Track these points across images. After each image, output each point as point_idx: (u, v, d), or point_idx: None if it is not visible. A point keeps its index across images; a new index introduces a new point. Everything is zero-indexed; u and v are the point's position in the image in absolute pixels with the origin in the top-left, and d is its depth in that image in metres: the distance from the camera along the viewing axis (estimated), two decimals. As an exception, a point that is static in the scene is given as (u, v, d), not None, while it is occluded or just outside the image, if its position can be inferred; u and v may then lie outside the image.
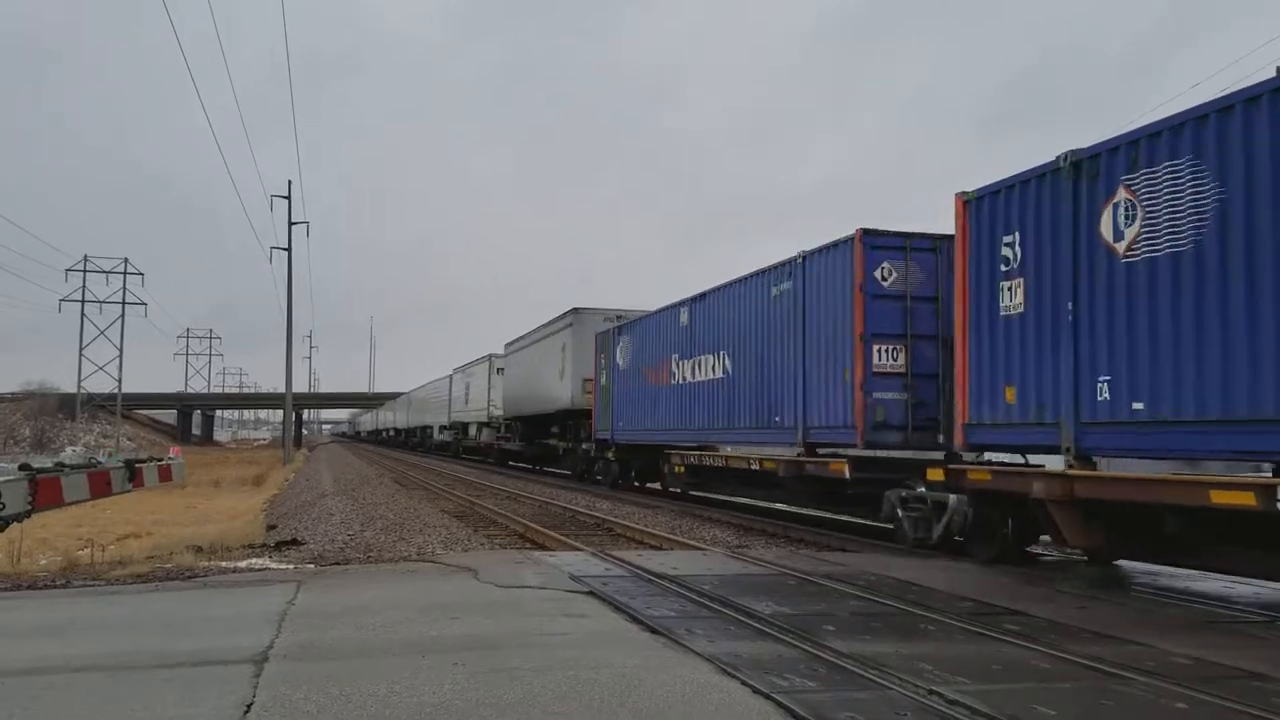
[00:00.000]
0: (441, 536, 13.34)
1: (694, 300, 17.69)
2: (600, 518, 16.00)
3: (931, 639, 6.29)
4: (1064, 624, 6.74)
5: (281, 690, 4.80)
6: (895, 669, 5.29)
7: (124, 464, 11.07)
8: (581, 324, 25.94)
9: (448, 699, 4.68)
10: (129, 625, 6.71)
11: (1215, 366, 7.56)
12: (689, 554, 10.96)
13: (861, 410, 11.97)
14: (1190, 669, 5.46)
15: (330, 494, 23.20)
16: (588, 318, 25.81)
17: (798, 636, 6.16)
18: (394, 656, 5.56)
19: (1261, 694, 4.92)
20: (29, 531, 16.60)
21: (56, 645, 5.94)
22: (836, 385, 12.58)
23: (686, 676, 5.14)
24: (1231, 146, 7.47)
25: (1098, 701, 4.77)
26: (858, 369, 12.03)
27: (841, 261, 12.50)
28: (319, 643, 5.95)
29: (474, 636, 6.14)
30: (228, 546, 12.00)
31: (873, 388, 11.96)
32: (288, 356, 47.66)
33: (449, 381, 50.10)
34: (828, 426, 12.85)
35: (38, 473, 9.72)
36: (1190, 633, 6.61)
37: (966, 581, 8.72)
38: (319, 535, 13.70)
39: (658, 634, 6.25)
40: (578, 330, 25.99)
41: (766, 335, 14.65)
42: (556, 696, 4.73)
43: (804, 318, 13.47)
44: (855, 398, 12.04)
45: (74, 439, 79.31)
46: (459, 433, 48.33)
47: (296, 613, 6.91)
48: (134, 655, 5.65)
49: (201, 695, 4.73)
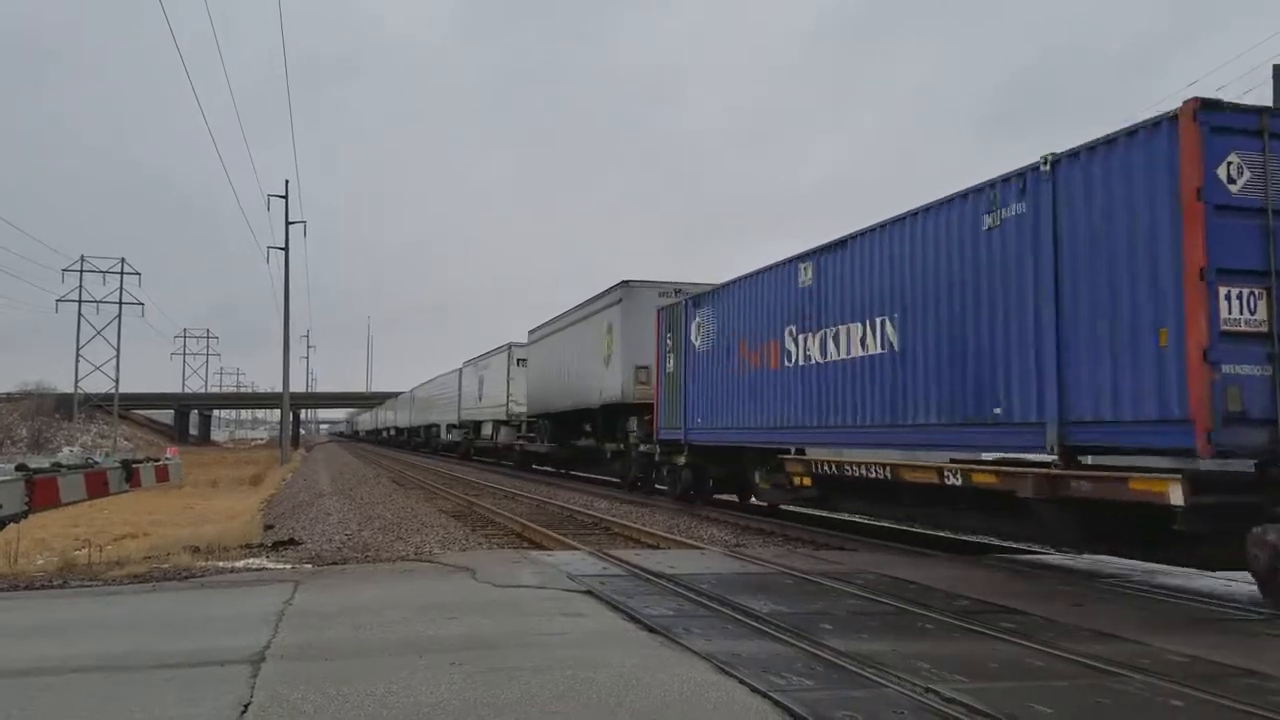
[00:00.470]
0: (439, 536, 13.34)
1: (821, 252, 13.01)
2: (598, 517, 16.01)
3: (929, 637, 6.29)
4: (1060, 622, 6.75)
5: (279, 690, 4.80)
6: (893, 667, 5.30)
7: (121, 464, 11.07)
8: (634, 299, 21.50)
9: (445, 699, 4.68)
10: (127, 625, 6.71)
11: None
12: (687, 553, 10.97)
13: (1206, 393, 7.45)
14: (1186, 667, 5.47)
15: (328, 494, 23.18)
16: (641, 293, 21.50)
17: (795, 635, 6.16)
18: (391, 656, 5.57)
19: (1257, 692, 4.93)
20: (26, 532, 16.58)
21: (54, 646, 5.94)
22: (1138, 354, 8.11)
23: (684, 676, 5.15)
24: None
25: (1094, 699, 4.78)
26: (1194, 326, 7.56)
27: (1148, 157, 8.14)
28: (316, 642, 5.95)
29: (471, 636, 6.14)
30: (225, 546, 11.97)
31: (1222, 356, 7.50)
32: (285, 356, 47.64)
33: (458, 376, 46.21)
34: (1118, 422, 8.28)
35: (35, 473, 9.74)
36: (1186, 631, 6.62)
37: (964, 580, 8.73)
38: (316, 535, 13.69)
39: (655, 633, 6.26)
40: (629, 307, 21.52)
41: (972, 287, 10.07)
42: (554, 696, 4.74)
43: (1056, 254, 8.97)
44: (1192, 372, 7.55)
45: (71, 439, 79.21)
46: (470, 432, 44.25)
47: (294, 613, 6.92)
48: (132, 655, 5.65)
49: (199, 695, 4.73)
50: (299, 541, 12.71)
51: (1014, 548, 11.57)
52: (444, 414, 50.62)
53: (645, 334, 20.29)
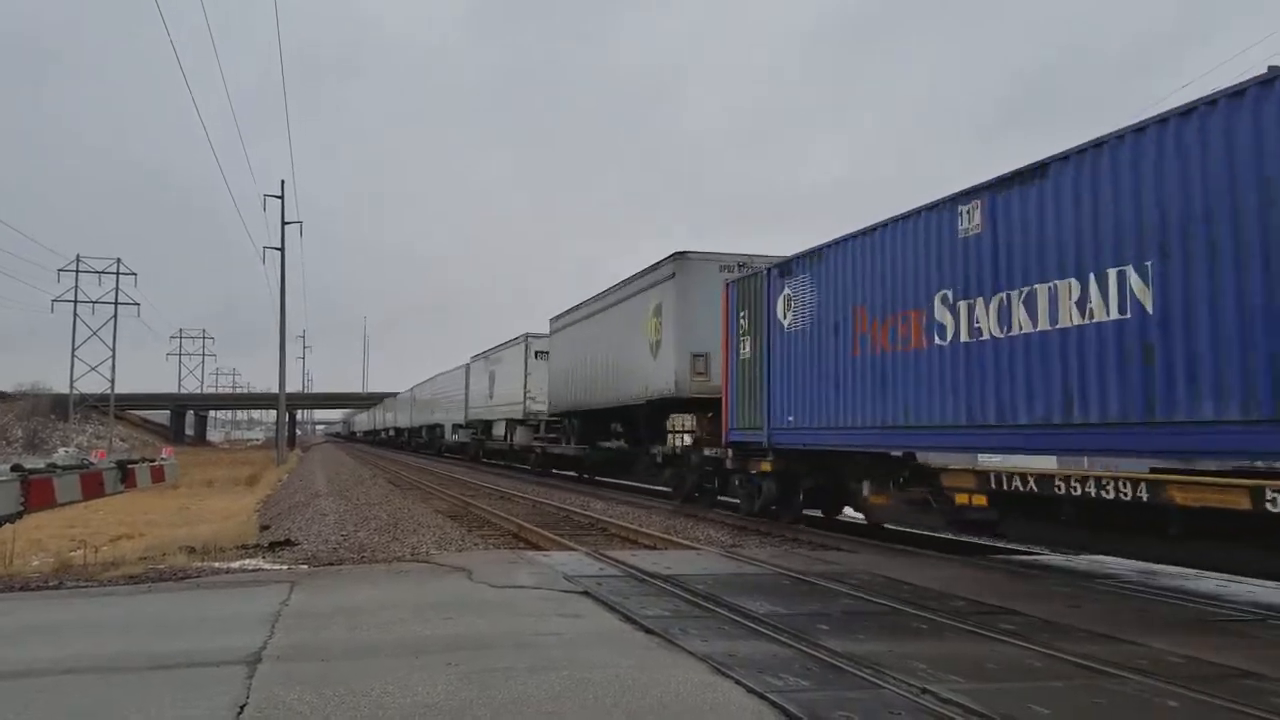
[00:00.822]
0: (435, 537, 13.31)
1: (998, 187, 9.71)
2: (594, 517, 15.98)
3: (925, 638, 6.29)
4: (1057, 623, 6.75)
5: (275, 691, 4.79)
6: (889, 668, 5.30)
7: (116, 465, 11.04)
8: (690, 274, 18.19)
9: (441, 699, 4.67)
10: (122, 627, 6.69)
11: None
12: (683, 553, 10.96)
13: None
14: (1183, 668, 5.47)
15: (324, 494, 23.13)
16: (699, 266, 18.17)
17: (792, 636, 6.16)
18: (387, 657, 5.56)
19: (1255, 693, 4.93)
20: (22, 532, 16.56)
21: (49, 647, 5.92)
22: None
23: (681, 676, 5.14)
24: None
25: (1091, 700, 4.78)
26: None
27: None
28: (312, 643, 5.93)
29: (467, 636, 6.13)
30: (221, 547, 11.95)
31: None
32: (281, 356, 47.54)
33: (465, 372, 43.07)
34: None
35: (30, 474, 9.69)
36: (1183, 631, 6.62)
37: (960, 581, 8.73)
38: (312, 536, 13.66)
39: (652, 634, 6.25)
40: (684, 284, 18.20)
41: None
42: (550, 696, 4.73)
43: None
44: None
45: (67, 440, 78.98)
46: (479, 432, 40.58)
47: (290, 613, 6.90)
48: (127, 657, 5.63)
49: (195, 696, 4.72)
50: (295, 542, 12.68)
51: (1012, 549, 11.55)
52: (449, 413, 47.55)
53: (704, 315, 17.21)
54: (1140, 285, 8.08)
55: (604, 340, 22.81)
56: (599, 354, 23.26)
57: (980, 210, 9.98)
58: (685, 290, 18.14)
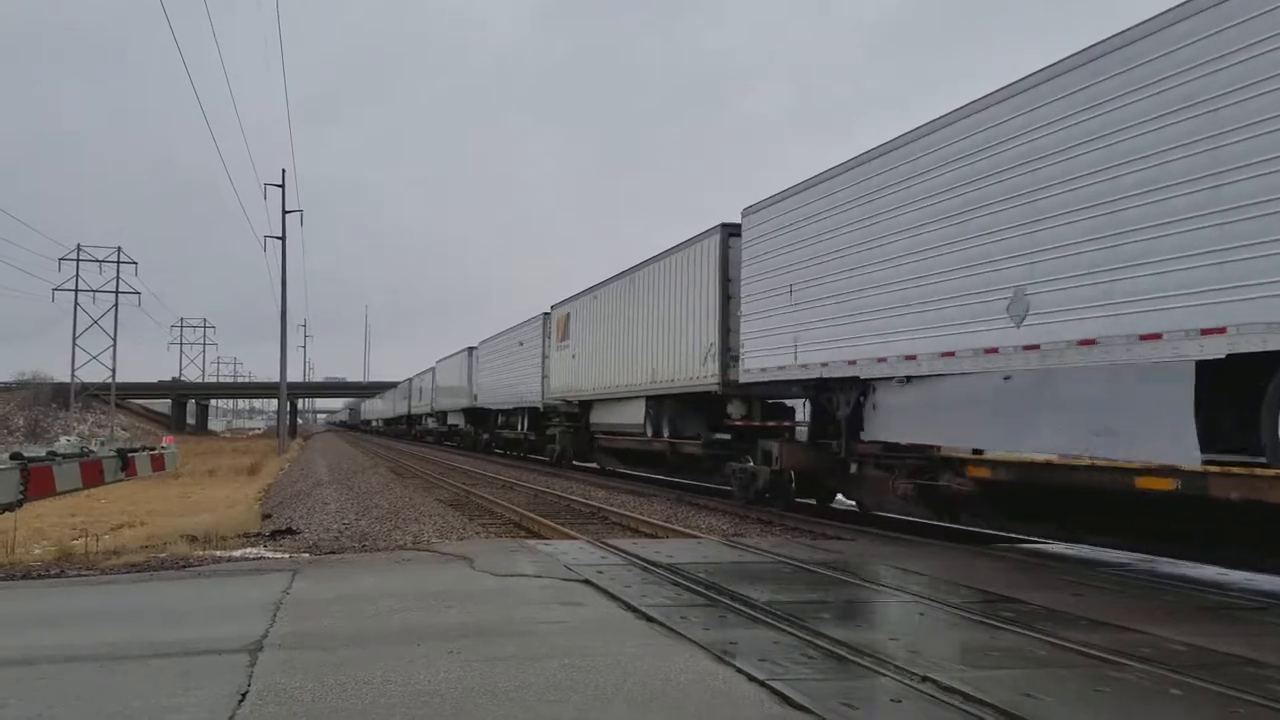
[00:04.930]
0: (437, 525, 13.32)
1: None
2: (596, 506, 16.00)
3: (927, 625, 6.29)
4: (1059, 611, 6.74)
5: (277, 678, 4.79)
6: (890, 655, 5.29)
7: (117, 453, 11.04)
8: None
9: (442, 686, 4.67)
10: (124, 615, 6.69)
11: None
12: (685, 542, 10.96)
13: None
14: (1186, 655, 5.46)
15: (326, 483, 23.16)
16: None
17: (793, 624, 6.15)
18: (389, 644, 5.55)
19: (1257, 680, 4.92)
20: (23, 521, 16.57)
21: (51, 635, 5.93)
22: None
23: (682, 664, 5.14)
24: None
25: (1093, 688, 4.77)
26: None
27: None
28: (314, 631, 5.93)
29: (469, 624, 6.13)
30: (223, 536, 11.95)
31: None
32: (282, 345, 47.52)
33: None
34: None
35: (30, 462, 9.68)
36: (1186, 619, 6.61)
37: (963, 569, 8.72)
38: (314, 524, 13.68)
39: (653, 622, 6.25)
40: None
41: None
42: (551, 684, 4.72)
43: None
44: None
45: (68, 428, 79.07)
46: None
47: (291, 601, 6.90)
48: (129, 645, 5.63)
49: (197, 684, 4.72)
50: (297, 531, 12.70)
51: (1013, 537, 11.57)
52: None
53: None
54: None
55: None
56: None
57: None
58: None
